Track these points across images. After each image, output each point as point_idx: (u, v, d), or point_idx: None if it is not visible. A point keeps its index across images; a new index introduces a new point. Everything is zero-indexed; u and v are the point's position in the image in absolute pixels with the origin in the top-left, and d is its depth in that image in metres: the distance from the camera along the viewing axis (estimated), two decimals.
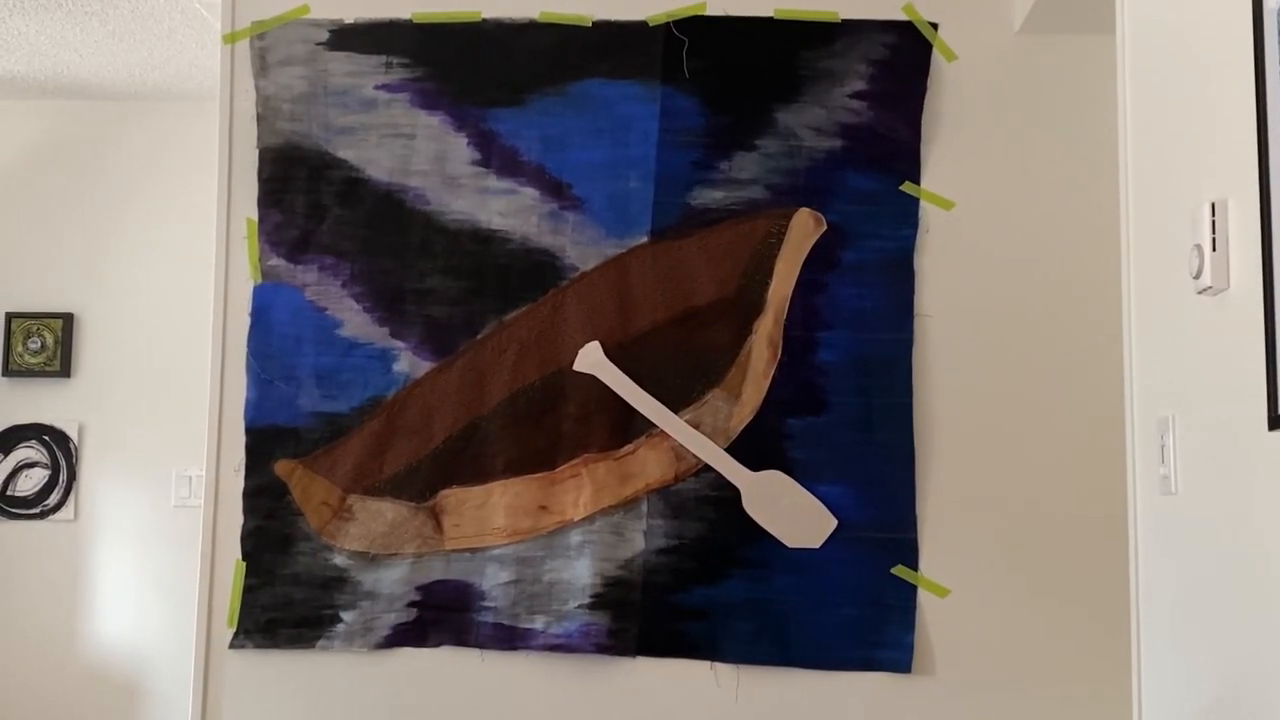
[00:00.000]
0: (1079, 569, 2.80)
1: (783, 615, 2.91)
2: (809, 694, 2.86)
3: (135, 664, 3.13)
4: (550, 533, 2.97)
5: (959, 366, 2.91)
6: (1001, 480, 2.87)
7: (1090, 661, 2.75)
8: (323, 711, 2.92)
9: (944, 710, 2.79)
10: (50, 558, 3.58)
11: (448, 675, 2.92)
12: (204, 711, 2.93)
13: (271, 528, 2.99)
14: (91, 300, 3.85)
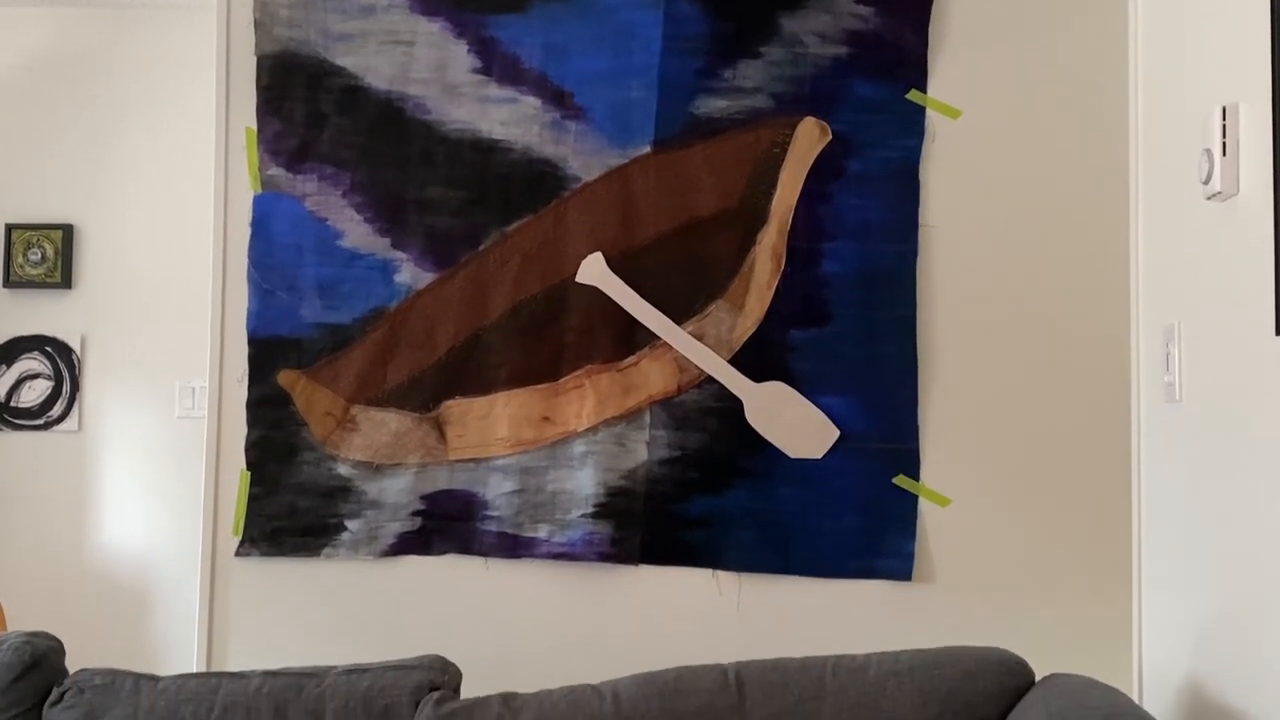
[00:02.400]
0: (1081, 479, 2.80)
1: (784, 524, 2.93)
2: (809, 601, 2.88)
3: (143, 573, 3.16)
4: (553, 443, 2.98)
5: (963, 278, 2.90)
6: (1004, 391, 2.87)
7: (1090, 570, 2.77)
8: (328, 618, 2.95)
9: (944, 617, 2.82)
10: (55, 469, 3.60)
11: (452, 582, 2.95)
12: (211, 618, 2.96)
13: (275, 438, 3.00)
14: (91, 211, 3.83)
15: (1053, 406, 2.83)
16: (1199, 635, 1.89)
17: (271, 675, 2.13)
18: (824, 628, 2.85)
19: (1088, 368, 2.79)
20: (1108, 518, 2.73)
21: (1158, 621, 2.08)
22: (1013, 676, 1.94)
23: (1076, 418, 2.81)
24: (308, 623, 2.95)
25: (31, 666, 2.15)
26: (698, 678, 2.04)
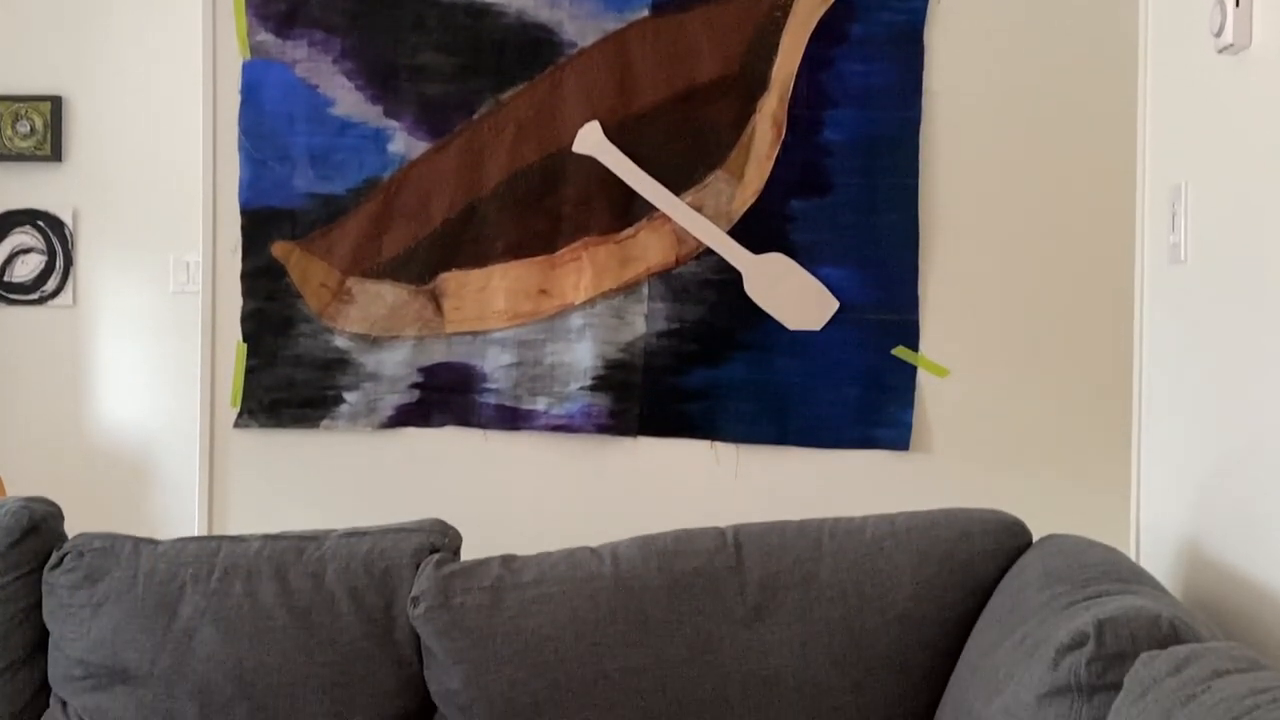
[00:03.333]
0: (1082, 346, 2.79)
1: (782, 396, 2.92)
2: (808, 471, 2.89)
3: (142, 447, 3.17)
4: (551, 316, 2.96)
5: (966, 145, 2.85)
6: (1005, 261, 2.84)
7: (1090, 437, 2.77)
8: (328, 489, 2.96)
9: (941, 486, 2.83)
10: (51, 343, 3.58)
11: (451, 453, 2.96)
12: (211, 490, 2.97)
13: (271, 310, 2.98)
14: (79, 83, 3.76)
15: (1055, 275, 2.81)
16: (1197, 495, 1.89)
17: (272, 539, 2.13)
18: (822, 497, 2.86)
19: (1091, 234, 2.76)
20: (1108, 384, 2.73)
21: (1156, 483, 2.08)
22: (1010, 537, 1.94)
23: (1079, 285, 2.78)
24: (307, 494, 2.96)
25: (30, 531, 2.16)
26: (696, 540, 2.04)
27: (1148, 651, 1.32)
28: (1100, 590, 1.58)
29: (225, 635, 2.04)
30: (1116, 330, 2.69)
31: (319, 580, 2.07)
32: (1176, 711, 1.18)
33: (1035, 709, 1.45)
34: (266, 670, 2.02)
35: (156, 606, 2.07)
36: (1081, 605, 1.54)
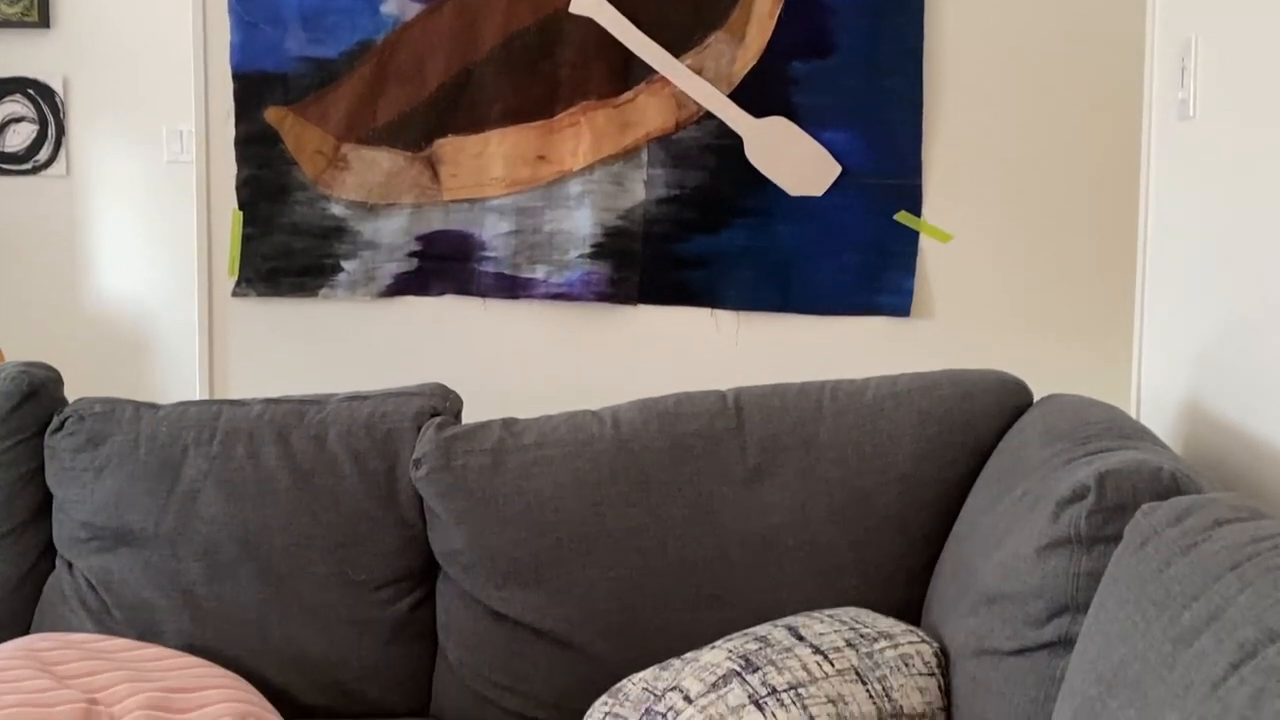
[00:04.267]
0: (1086, 212, 2.76)
1: (783, 263, 2.90)
2: (808, 338, 2.89)
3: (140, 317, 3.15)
4: (549, 183, 2.93)
5: (972, 8, 2.79)
6: (1010, 125, 2.80)
7: (1092, 303, 2.76)
8: (327, 357, 2.96)
9: (942, 352, 2.82)
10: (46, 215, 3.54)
11: (450, 322, 2.95)
12: (211, 359, 2.97)
13: (266, 177, 2.95)
14: None
15: (1060, 137, 2.77)
16: (1200, 354, 1.88)
17: (272, 403, 2.13)
18: (822, 364, 2.86)
19: (1098, 94, 2.71)
20: (1112, 246, 2.71)
21: (1159, 344, 2.08)
22: (1011, 396, 1.94)
23: (1085, 146, 2.74)
24: (307, 362, 2.96)
25: (30, 395, 2.16)
26: (697, 402, 2.04)
27: (1148, 503, 1.32)
28: (1101, 446, 1.58)
29: (228, 497, 2.05)
30: (1122, 192, 2.66)
31: (321, 443, 2.07)
32: (1176, 560, 1.18)
33: (1034, 561, 1.46)
34: (270, 532, 2.04)
35: (159, 469, 2.08)
36: (1082, 460, 1.54)
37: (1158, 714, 1.05)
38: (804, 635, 1.66)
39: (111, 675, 1.76)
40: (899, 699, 1.56)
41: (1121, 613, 1.21)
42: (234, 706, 1.75)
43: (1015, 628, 1.49)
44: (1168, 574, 1.17)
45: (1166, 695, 1.05)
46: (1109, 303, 2.73)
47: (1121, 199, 2.67)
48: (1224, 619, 1.05)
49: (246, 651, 2.03)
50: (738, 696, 1.56)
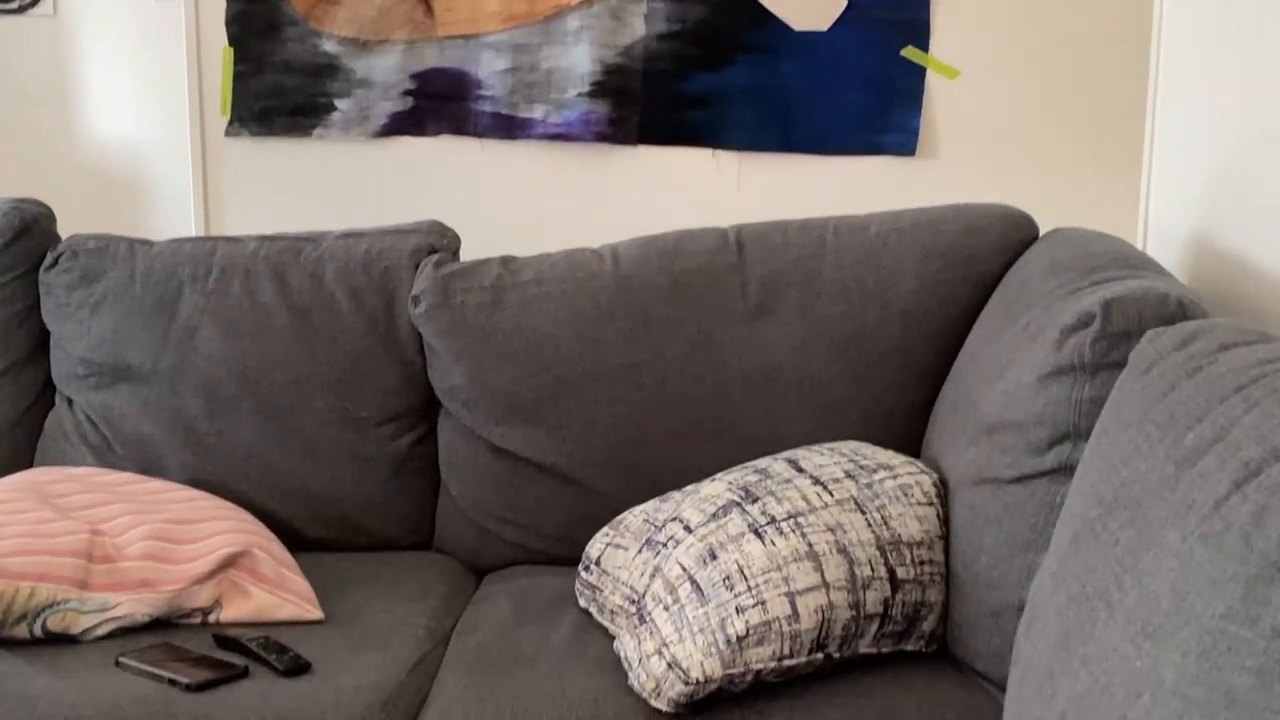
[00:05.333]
0: (1095, 47, 2.70)
1: (787, 101, 2.84)
2: (811, 178, 2.84)
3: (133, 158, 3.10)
4: (546, 18, 2.85)
5: None
6: None
7: (1101, 141, 2.71)
8: (323, 198, 2.92)
9: (948, 191, 2.78)
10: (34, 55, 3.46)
11: (447, 163, 2.90)
12: (205, 201, 2.93)
13: (256, 12, 2.87)
14: None
15: None
16: (1208, 187, 1.85)
17: (268, 239, 2.11)
18: (825, 204, 2.82)
19: None
20: (1123, 83, 2.65)
21: (1167, 176, 2.04)
22: (1016, 230, 1.91)
23: None
24: (302, 203, 2.92)
25: (23, 231, 2.13)
26: (698, 239, 2.02)
27: (1154, 329, 1.30)
28: (1107, 276, 1.56)
29: (226, 334, 2.04)
30: (1133, 25, 2.59)
31: (318, 280, 2.05)
32: (1182, 383, 1.17)
33: (1036, 389, 1.46)
34: (269, 368, 2.03)
35: (155, 306, 2.06)
36: (1088, 290, 1.52)
37: (1159, 533, 1.05)
38: (804, 467, 1.67)
39: (114, 507, 1.77)
40: (897, 527, 1.57)
41: (1124, 436, 1.20)
42: (237, 538, 1.76)
43: (1015, 456, 1.49)
44: (1172, 397, 1.16)
45: (1168, 514, 1.05)
46: (1118, 139, 2.68)
47: (1132, 32, 2.60)
48: (1228, 439, 1.05)
49: (249, 486, 2.04)
50: (737, 525, 1.57)
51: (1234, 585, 0.92)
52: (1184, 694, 0.91)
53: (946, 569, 1.59)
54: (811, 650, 1.49)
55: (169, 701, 1.49)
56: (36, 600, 1.61)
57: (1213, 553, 0.96)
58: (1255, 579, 0.90)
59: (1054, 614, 1.17)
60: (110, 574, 1.66)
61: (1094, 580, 1.12)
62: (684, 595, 1.53)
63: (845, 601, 1.51)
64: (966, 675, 1.56)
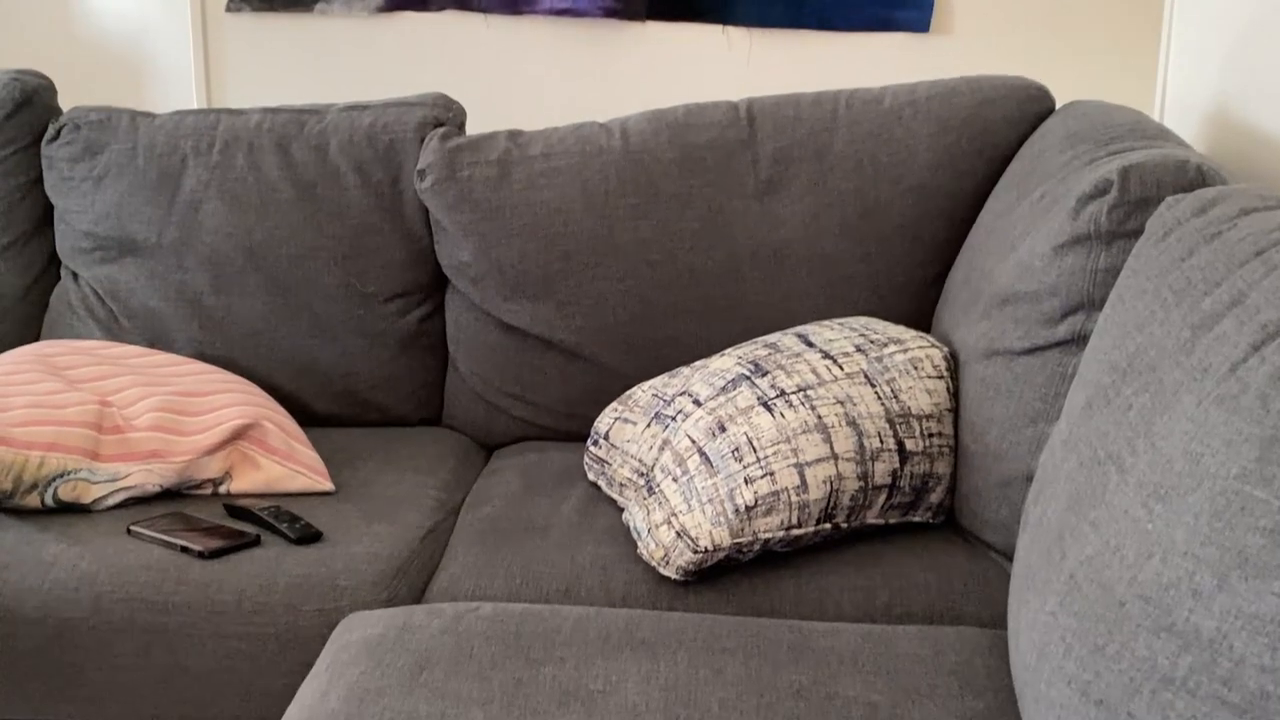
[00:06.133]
0: None
1: None
2: (822, 55, 2.79)
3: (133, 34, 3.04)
4: None
5: None
6: None
7: (1117, 17, 2.65)
8: (325, 74, 2.87)
9: (962, 68, 2.73)
10: None
11: (451, 39, 2.85)
12: (207, 77, 2.89)
13: None
14: None
15: None
16: (1226, 58, 1.81)
17: (271, 112, 2.07)
18: (837, 83, 2.78)
19: None
20: None
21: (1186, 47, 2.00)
22: (1032, 103, 1.88)
23: None
24: (304, 80, 2.88)
25: (24, 103, 2.10)
26: (708, 113, 1.99)
27: (1172, 195, 1.28)
28: (1125, 147, 1.53)
29: (231, 208, 2.02)
30: None
31: (322, 154, 2.03)
32: (1200, 249, 1.16)
33: (1051, 259, 1.44)
34: (275, 243, 2.02)
35: (159, 179, 2.04)
36: (1104, 159, 1.50)
37: (1173, 397, 1.05)
38: (814, 341, 1.66)
39: (122, 379, 1.77)
40: (907, 400, 1.57)
41: (1140, 303, 1.19)
42: (247, 410, 1.76)
43: (1028, 328, 1.48)
44: (1190, 262, 1.15)
45: (1183, 379, 1.04)
46: (1135, 11, 2.62)
47: None
48: (1246, 303, 1.03)
49: (257, 361, 2.04)
50: (746, 399, 1.57)
51: (1249, 446, 0.91)
52: (1195, 554, 0.91)
53: (955, 442, 1.59)
54: (819, 520, 1.50)
55: (181, 568, 1.51)
56: (47, 470, 1.61)
57: (1228, 415, 0.95)
58: (1271, 440, 0.90)
59: (1064, 479, 1.17)
60: (120, 445, 1.67)
61: (1106, 445, 1.11)
62: (693, 467, 1.54)
63: (854, 473, 1.51)
64: (973, 545, 1.57)
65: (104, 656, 1.49)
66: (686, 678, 1.21)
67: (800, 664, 1.25)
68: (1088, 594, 1.02)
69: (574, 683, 1.20)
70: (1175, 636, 0.90)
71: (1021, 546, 1.22)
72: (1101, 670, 0.97)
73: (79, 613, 1.48)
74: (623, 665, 1.23)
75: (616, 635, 1.29)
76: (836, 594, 1.48)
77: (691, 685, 1.19)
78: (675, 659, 1.24)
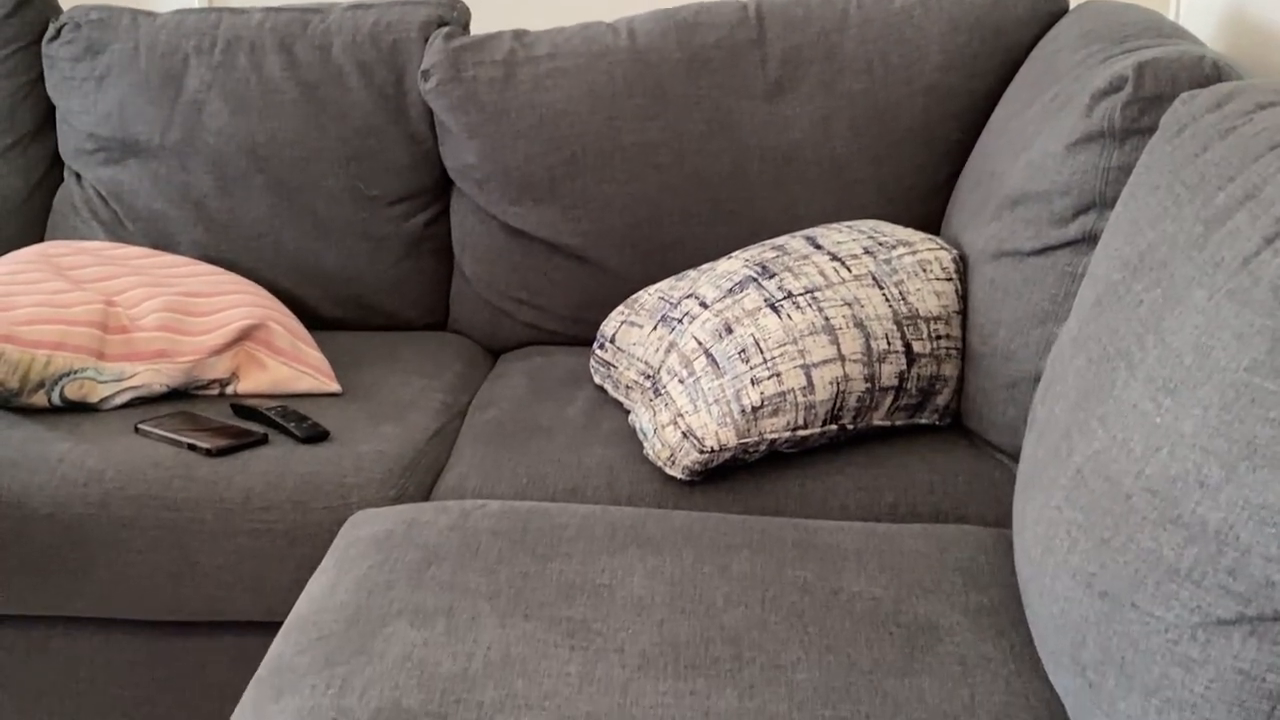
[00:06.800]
0: None
1: None
2: None
3: None
4: None
5: None
6: None
7: None
8: None
9: None
10: None
11: None
12: None
13: None
14: None
15: None
16: None
17: (273, 11, 2.05)
18: None
19: None
20: None
21: None
22: (1046, 2, 1.84)
23: None
24: None
25: (23, 1, 2.07)
26: (716, 12, 1.96)
27: (1188, 91, 1.26)
28: (1139, 45, 1.51)
29: (234, 109, 2.00)
30: None
31: (325, 53, 2.00)
32: (1215, 144, 1.14)
33: (1063, 158, 1.42)
34: (279, 144, 2.00)
35: (161, 79, 2.02)
36: (1119, 57, 1.48)
37: (1184, 292, 1.04)
38: (822, 244, 1.65)
39: (127, 279, 1.76)
40: (915, 302, 1.56)
41: (1152, 199, 1.17)
42: (253, 311, 1.76)
43: (1038, 228, 1.46)
44: (1204, 158, 1.13)
45: (1194, 273, 1.04)
46: None
47: None
48: (1260, 197, 1.02)
49: (262, 264, 2.04)
50: (754, 300, 1.56)
51: (1260, 339, 0.91)
52: (1203, 446, 0.91)
53: (963, 344, 1.59)
54: (825, 421, 1.50)
55: (190, 466, 1.52)
56: (53, 368, 1.62)
57: (1240, 307, 0.95)
58: None
59: (1073, 376, 1.17)
60: (126, 344, 1.67)
61: (1115, 341, 1.11)
62: (699, 368, 1.53)
63: (860, 374, 1.51)
64: (979, 447, 1.57)
65: (114, 552, 1.50)
66: (692, 573, 1.22)
67: (805, 561, 1.26)
68: (1094, 488, 1.02)
69: (580, 577, 1.21)
70: (1181, 528, 0.90)
71: (1028, 445, 1.22)
72: (1106, 563, 0.97)
73: (88, 509, 1.49)
74: (629, 561, 1.24)
75: (623, 532, 1.29)
76: (842, 494, 1.48)
77: (697, 580, 1.20)
78: (681, 555, 1.25)
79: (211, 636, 1.57)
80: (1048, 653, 1.06)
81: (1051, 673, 1.05)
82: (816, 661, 1.08)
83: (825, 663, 1.08)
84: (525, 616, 1.14)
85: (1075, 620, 1.00)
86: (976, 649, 1.11)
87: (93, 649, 1.58)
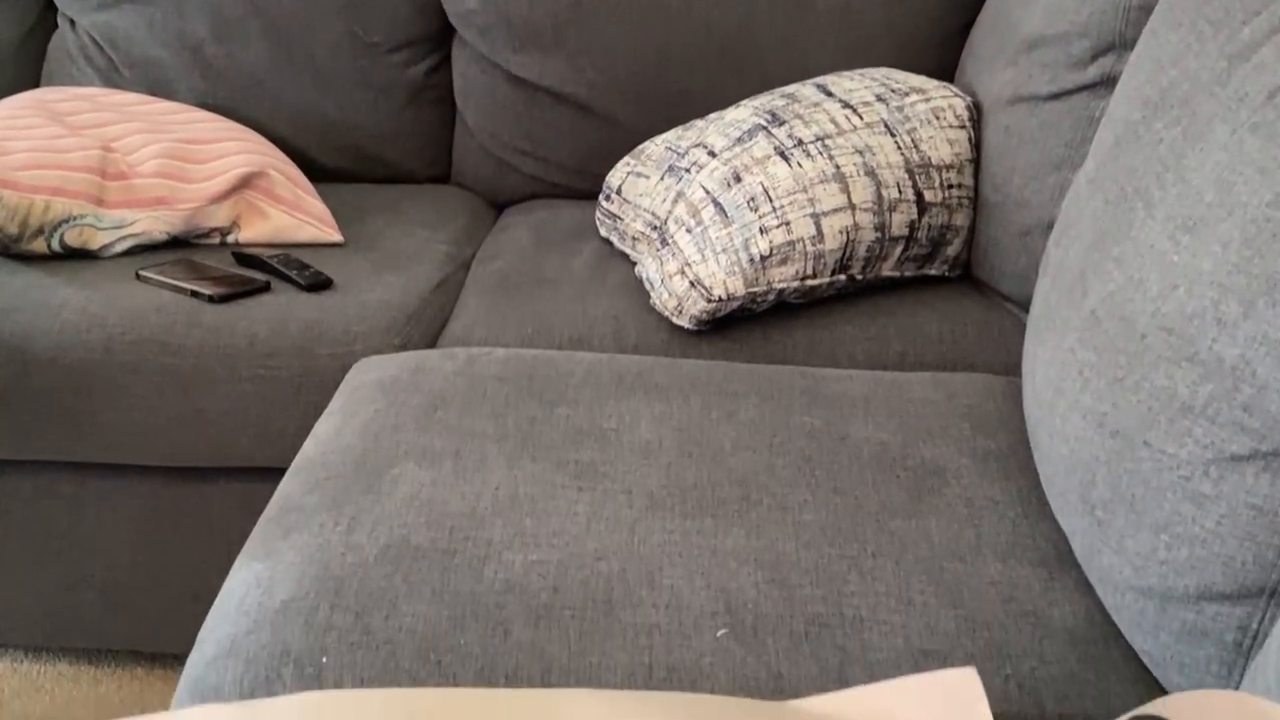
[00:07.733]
0: None
1: None
2: None
3: None
4: None
5: None
6: None
7: None
8: None
9: None
10: None
11: None
12: None
13: None
14: None
15: None
16: None
17: None
18: None
19: None
20: None
21: None
22: None
23: None
24: None
25: None
26: None
27: None
28: None
29: None
30: None
31: None
32: None
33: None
34: None
35: None
36: None
37: (1206, 129, 1.01)
38: (833, 91, 1.61)
39: (125, 125, 1.73)
40: (927, 150, 1.53)
41: (1174, 36, 1.14)
42: (253, 159, 1.73)
43: (1055, 72, 1.43)
44: None
45: (1217, 109, 1.01)
46: None
47: None
48: None
49: (261, 112, 2.00)
50: (763, 148, 1.53)
51: None
52: (1221, 283, 0.90)
53: (975, 194, 1.56)
54: (835, 271, 1.48)
55: (192, 312, 1.50)
56: (53, 214, 1.59)
57: (1264, 142, 0.92)
58: None
59: (1089, 218, 1.15)
60: (125, 191, 1.64)
61: (1133, 181, 1.08)
62: (707, 217, 1.51)
63: (871, 223, 1.48)
64: (989, 296, 1.56)
65: (118, 398, 1.49)
66: (699, 418, 1.21)
67: (813, 408, 1.25)
68: (1108, 328, 1.01)
69: (587, 422, 1.20)
70: (1197, 365, 0.89)
71: (1040, 288, 1.20)
72: (1119, 401, 0.96)
73: (91, 354, 1.48)
74: (636, 406, 1.23)
75: (630, 379, 1.29)
76: (850, 344, 1.47)
77: (704, 425, 1.20)
78: (688, 401, 1.25)
79: (218, 482, 1.57)
80: (1056, 493, 1.05)
81: (1059, 512, 1.05)
82: (824, 503, 1.08)
83: (832, 504, 1.08)
84: (533, 459, 1.13)
85: (1085, 460, 1.00)
86: (983, 491, 1.11)
87: (100, 493, 1.59)
